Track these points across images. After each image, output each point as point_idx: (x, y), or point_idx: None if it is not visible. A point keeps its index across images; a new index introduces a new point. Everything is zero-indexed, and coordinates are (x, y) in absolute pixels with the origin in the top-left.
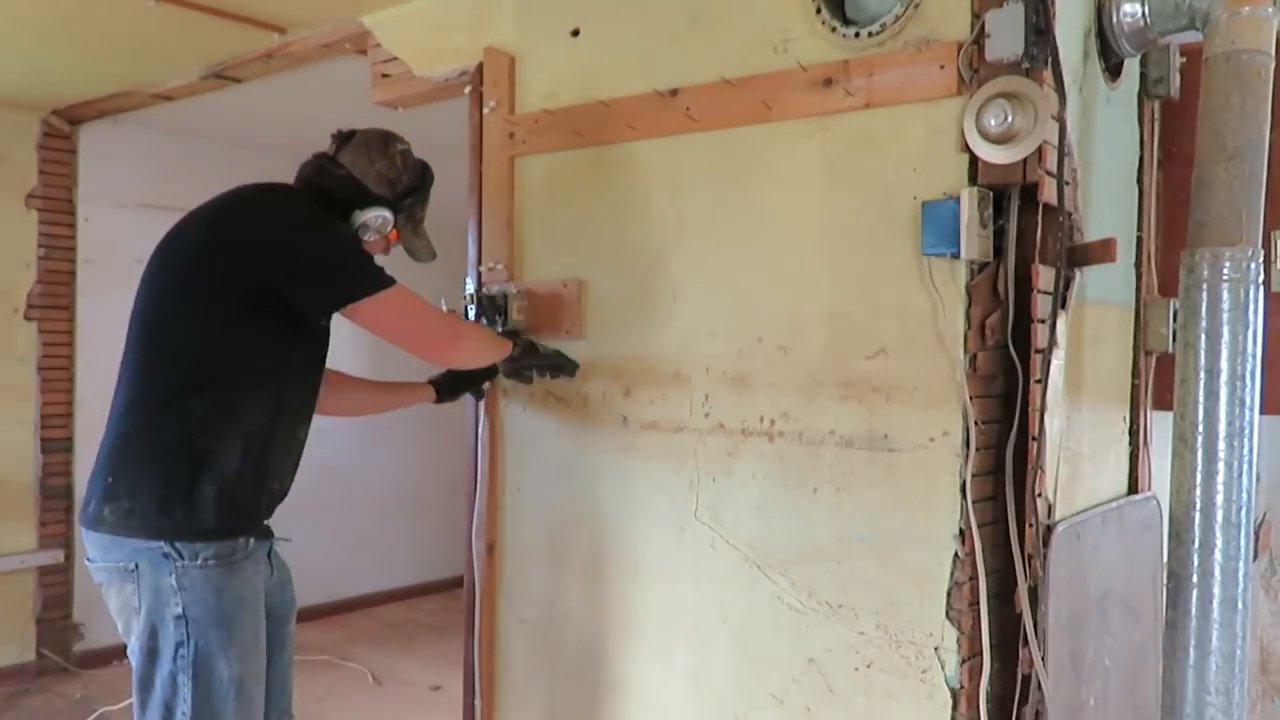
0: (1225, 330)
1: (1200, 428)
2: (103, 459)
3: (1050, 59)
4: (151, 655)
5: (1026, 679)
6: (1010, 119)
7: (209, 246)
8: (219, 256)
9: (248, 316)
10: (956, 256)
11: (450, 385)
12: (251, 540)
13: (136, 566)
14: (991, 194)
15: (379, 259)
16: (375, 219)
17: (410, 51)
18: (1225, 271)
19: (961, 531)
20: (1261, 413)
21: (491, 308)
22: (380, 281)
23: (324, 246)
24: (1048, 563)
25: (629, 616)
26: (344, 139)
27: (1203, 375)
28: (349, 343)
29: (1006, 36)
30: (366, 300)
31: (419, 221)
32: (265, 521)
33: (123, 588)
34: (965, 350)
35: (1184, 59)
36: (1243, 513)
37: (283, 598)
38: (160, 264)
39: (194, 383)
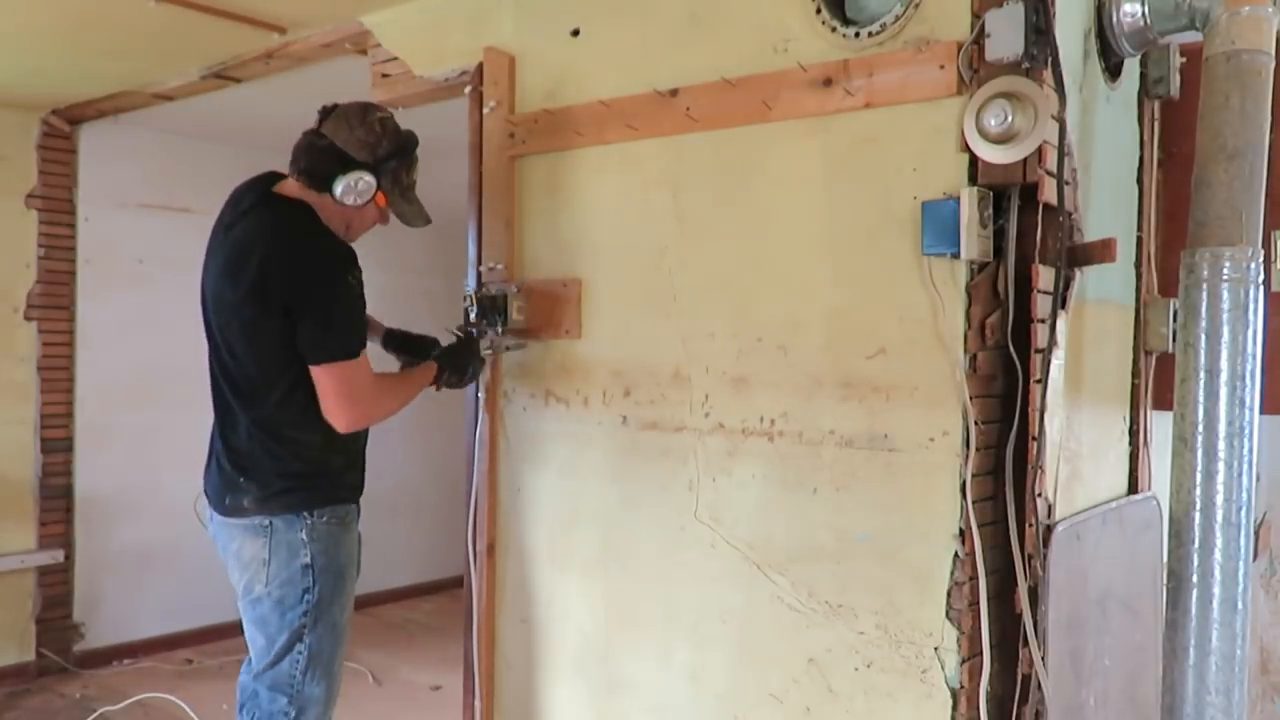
0: (1225, 330)
1: (1200, 428)
2: (229, 464)
3: (1050, 59)
4: (280, 602)
5: (1026, 679)
6: (1010, 119)
7: (263, 294)
8: (274, 304)
9: None
10: (956, 256)
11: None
12: (354, 507)
13: (270, 524)
14: (991, 194)
15: (374, 233)
16: (356, 182)
17: (410, 51)
18: (1225, 271)
19: (961, 531)
20: (1261, 413)
21: (491, 308)
22: (343, 349)
23: (329, 304)
24: (1048, 563)
25: (629, 616)
26: (327, 113)
27: (1203, 375)
28: None
29: (1006, 36)
30: (331, 364)
31: (407, 187)
32: (361, 491)
33: (255, 541)
34: (965, 350)
35: (1184, 59)
36: (1243, 513)
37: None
38: (231, 295)
39: (291, 407)
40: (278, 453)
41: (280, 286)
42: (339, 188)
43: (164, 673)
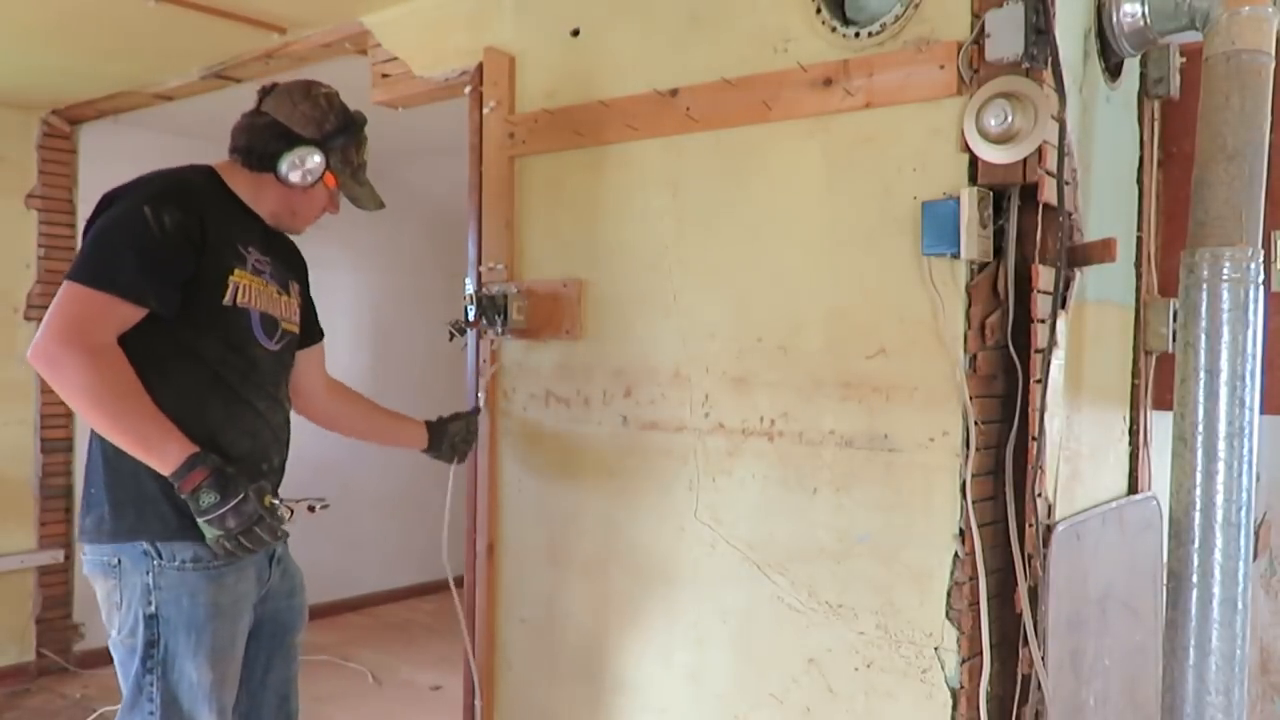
0: (1225, 330)
1: (1200, 428)
2: (86, 471)
3: (1050, 59)
4: (130, 651)
5: (1026, 679)
6: (1010, 119)
7: None
8: None
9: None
10: (956, 256)
11: (436, 438)
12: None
13: (119, 562)
14: (991, 194)
15: (329, 219)
16: (303, 159)
17: (410, 51)
18: (1225, 271)
19: (961, 531)
20: (1261, 413)
21: (491, 308)
22: (81, 273)
23: (99, 227)
24: (1048, 563)
25: (629, 616)
26: (267, 91)
27: (1203, 375)
28: (349, 342)
29: (1006, 36)
30: (68, 282)
31: (358, 168)
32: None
33: (106, 582)
34: (965, 350)
35: (1184, 59)
36: (1243, 513)
37: (289, 605)
38: None
39: None
40: (109, 462)
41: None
42: (284, 165)
43: None
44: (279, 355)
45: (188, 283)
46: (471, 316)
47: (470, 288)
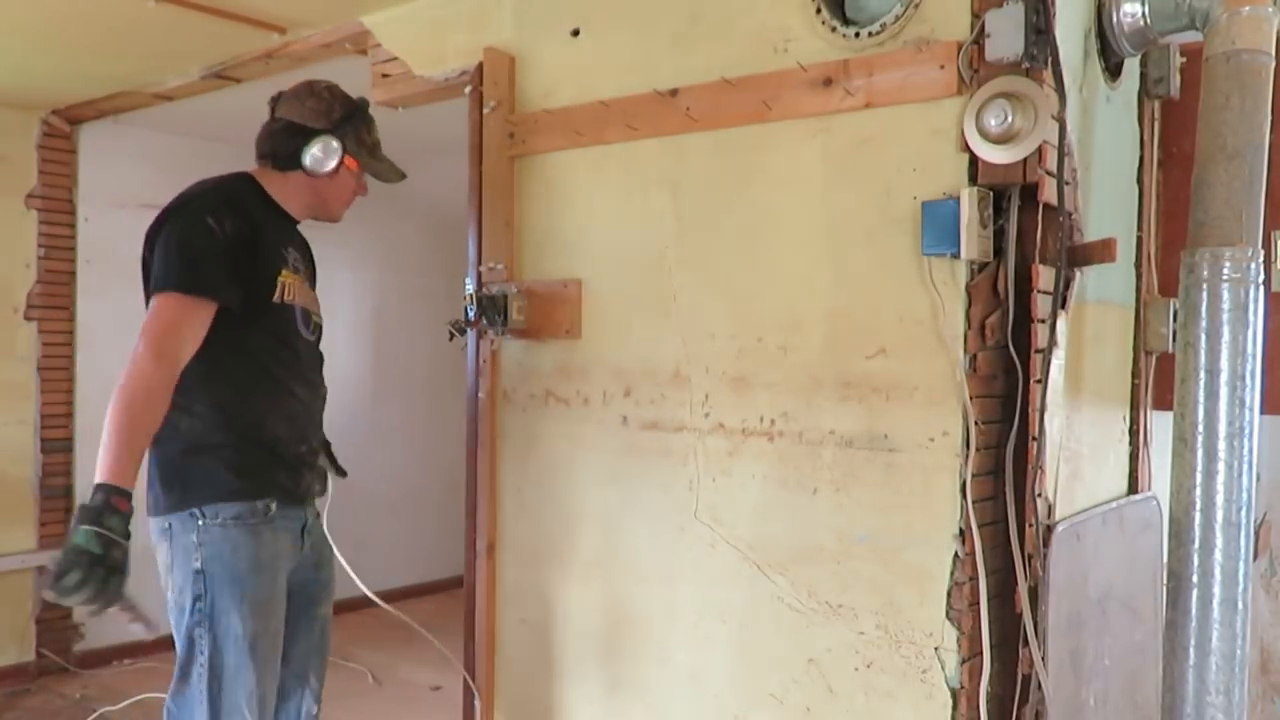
0: (1225, 330)
1: (1200, 428)
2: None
3: (1050, 59)
4: (180, 609)
5: (1026, 679)
6: (1010, 119)
7: (151, 251)
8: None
9: None
10: (956, 256)
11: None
12: (274, 505)
13: (170, 526)
14: (991, 194)
15: (359, 203)
16: (322, 146)
17: (410, 51)
18: (1225, 271)
19: (961, 531)
20: (1261, 413)
21: (491, 308)
22: (173, 282)
23: (172, 239)
24: (1048, 563)
25: (629, 616)
26: (276, 99)
27: (1203, 375)
28: (349, 342)
29: (1006, 36)
30: (156, 294)
31: (373, 146)
32: (296, 490)
33: (161, 546)
34: (965, 350)
35: (1184, 59)
36: (1243, 513)
37: (316, 577)
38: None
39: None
40: (160, 441)
41: (154, 234)
42: (307, 158)
43: (164, 673)
44: (314, 344)
45: (244, 281)
46: (471, 316)
47: (470, 288)
